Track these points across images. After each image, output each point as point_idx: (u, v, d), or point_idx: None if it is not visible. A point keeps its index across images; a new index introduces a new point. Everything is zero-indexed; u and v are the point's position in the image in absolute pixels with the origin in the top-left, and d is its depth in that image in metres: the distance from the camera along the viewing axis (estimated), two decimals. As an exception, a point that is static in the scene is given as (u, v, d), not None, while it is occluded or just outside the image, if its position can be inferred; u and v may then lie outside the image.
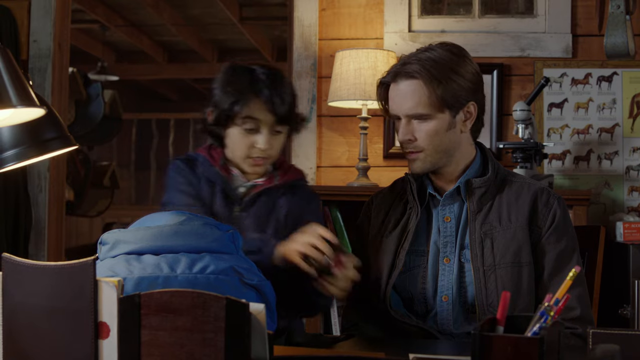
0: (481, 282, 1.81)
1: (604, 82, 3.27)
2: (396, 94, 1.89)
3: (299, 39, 3.37)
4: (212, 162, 2.06)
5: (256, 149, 2.00)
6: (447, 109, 1.86)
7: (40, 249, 3.40)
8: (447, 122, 1.87)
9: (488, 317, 1.16)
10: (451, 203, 1.91)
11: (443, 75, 1.84)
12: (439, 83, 1.84)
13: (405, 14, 3.35)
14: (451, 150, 1.90)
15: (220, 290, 1.40)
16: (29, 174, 3.38)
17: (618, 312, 2.83)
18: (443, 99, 1.84)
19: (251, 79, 1.99)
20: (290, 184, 2.10)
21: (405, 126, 1.88)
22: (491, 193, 1.89)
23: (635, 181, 3.25)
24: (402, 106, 1.87)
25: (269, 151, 2.02)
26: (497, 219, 1.86)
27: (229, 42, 8.30)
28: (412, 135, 1.87)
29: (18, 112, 1.39)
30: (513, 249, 1.83)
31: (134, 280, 1.42)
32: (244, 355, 1.04)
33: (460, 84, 1.86)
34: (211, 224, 1.56)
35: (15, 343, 1.13)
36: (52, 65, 3.41)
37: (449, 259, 1.88)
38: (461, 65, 1.88)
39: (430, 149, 1.87)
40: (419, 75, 1.84)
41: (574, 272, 1.15)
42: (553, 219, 1.85)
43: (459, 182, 1.89)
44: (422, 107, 1.85)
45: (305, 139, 3.34)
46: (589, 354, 1.10)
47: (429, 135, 1.86)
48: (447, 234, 1.89)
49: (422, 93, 1.84)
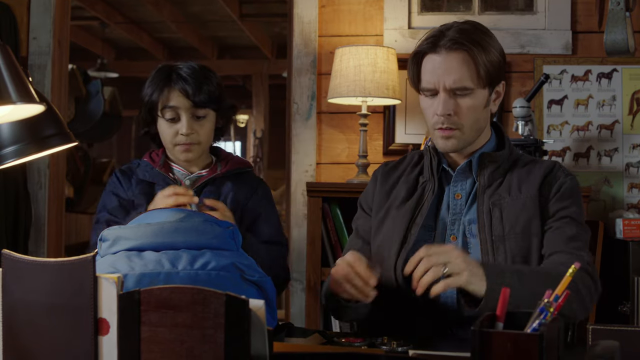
0: (489, 254, 1.75)
1: (603, 78, 3.27)
2: (438, 65, 1.78)
3: (298, 36, 3.36)
4: (153, 164, 2.20)
5: (180, 135, 2.13)
6: (488, 85, 1.80)
7: (40, 245, 3.40)
8: (486, 98, 1.82)
9: (487, 314, 1.16)
10: (463, 179, 1.86)
11: (485, 47, 1.78)
12: (485, 54, 1.77)
13: (405, 11, 3.35)
14: (482, 128, 1.85)
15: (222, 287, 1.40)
16: (28, 171, 3.38)
17: (618, 308, 2.84)
18: (488, 72, 1.78)
19: (168, 72, 2.14)
20: (235, 172, 2.21)
21: (447, 100, 1.78)
22: (503, 169, 1.85)
23: (635, 178, 3.25)
24: (446, 79, 1.77)
25: (194, 136, 2.14)
26: (507, 191, 1.81)
27: (228, 39, 8.31)
28: (453, 109, 1.79)
29: (18, 108, 1.39)
30: (523, 218, 1.77)
31: (135, 277, 1.42)
32: (244, 352, 1.04)
33: (497, 58, 1.81)
34: (211, 221, 1.56)
35: (15, 339, 1.13)
36: (51, 62, 3.41)
37: (455, 236, 1.83)
38: (493, 39, 1.83)
39: (469, 126, 1.80)
40: (465, 46, 1.76)
41: (574, 268, 1.15)
42: (559, 188, 1.81)
43: (472, 157, 1.85)
44: (468, 80, 1.77)
45: (305, 135, 3.34)
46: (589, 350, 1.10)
47: (470, 111, 1.79)
48: (456, 211, 1.84)
49: (470, 65, 1.77)
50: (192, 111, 2.12)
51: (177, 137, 2.13)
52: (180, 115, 2.12)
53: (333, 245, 2.98)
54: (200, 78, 2.12)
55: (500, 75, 1.83)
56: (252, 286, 1.49)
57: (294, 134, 3.36)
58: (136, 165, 2.24)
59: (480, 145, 1.87)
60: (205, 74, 2.15)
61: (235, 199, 2.15)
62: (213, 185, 2.17)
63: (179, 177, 2.19)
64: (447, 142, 1.82)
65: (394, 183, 1.95)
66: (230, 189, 2.16)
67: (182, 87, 2.10)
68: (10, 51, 1.32)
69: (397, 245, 1.83)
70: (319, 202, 2.96)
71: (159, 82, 2.13)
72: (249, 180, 2.23)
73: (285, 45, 3.91)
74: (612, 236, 2.98)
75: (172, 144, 2.15)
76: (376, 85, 2.92)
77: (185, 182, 2.18)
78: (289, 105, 3.47)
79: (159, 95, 2.12)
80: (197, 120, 2.14)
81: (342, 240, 2.97)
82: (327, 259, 2.98)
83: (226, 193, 2.16)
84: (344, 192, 2.96)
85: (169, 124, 2.14)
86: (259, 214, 2.19)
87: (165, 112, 2.13)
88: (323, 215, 2.98)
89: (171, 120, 2.13)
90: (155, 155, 2.24)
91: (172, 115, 2.13)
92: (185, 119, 2.12)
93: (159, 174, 2.17)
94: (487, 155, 1.85)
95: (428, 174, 1.89)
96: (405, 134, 3.31)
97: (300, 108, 3.35)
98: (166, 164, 2.20)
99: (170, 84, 2.12)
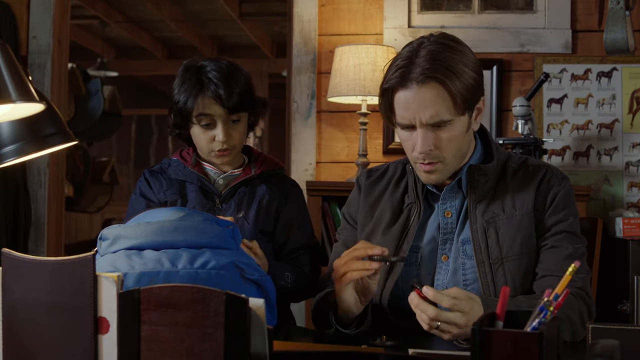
0: (487, 278, 1.69)
1: (603, 77, 3.27)
2: (410, 100, 1.66)
3: (298, 35, 3.36)
4: (185, 163, 2.16)
5: (216, 142, 2.08)
6: (467, 109, 1.69)
7: (39, 244, 3.40)
8: (466, 124, 1.71)
9: (487, 313, 1.16)
10: (452, 197, 1.78)
11: (460, 74, 1.65)
12: (460, 82, 1.64)
13: (405, 10, 3.35)
14: (465, 153, 1.77)
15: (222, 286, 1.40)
16: (28, 170, 3.38)
17: (617, 307, 2.84)
18: (465, 99, 1.66)
19: (198, 76, 2.07)
20: (269, 174, 2.18)
21: (426, 136, 1.68)
22: (493, 181, 1.77)
23: (634, 177, 3.25)
24: (422, 114, 1.66)
25: (230, 141, 2.09)
26: (501, 207, 1.74)
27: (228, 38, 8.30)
28: (434, 144, 1.69)
29: (17, 107, 1.39)
30: (520, 239, 1.71)
31: (135, 276, 1.42)
32: (244, 351, 1.04)
33: (472, 77, 1.67)
34: (211, 220, 1.56)
35: (15, 338, 1.13)
36: (51, 61, 3.41)
37: (447, 256, 1.76)
38: (466, 55, 1.69)
39: (451, 156, 1.71)
40: (438, 79, 1.63)
41: (573, 267, 1.15)
42: (554, 198, 1.75)
43: (461, 174, 1.77)
44: (446, 112, 1.66)
45: (304, 134, 3.34)
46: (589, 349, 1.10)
47: (451, 141, 1.69)
48: (447, 230, 1.77)
49: (445, 97, 1.64)
50: (227, 117, 2.07)
51: (214, 143, 2.08)
52: (217, 122, 2.07)
53: (333, 244, 2.98)
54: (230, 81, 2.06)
55: (477, 95, 1.71)
56: (252, 285, 1.49)
57: (293, 132, 3.36)
58: (167, 164, 2.19)
59: (466, 160, 1.79)
60: (234, 75, 2.09)
61: (270, 201, 2.12)
62: (248, 186, 2.13)
63: (212, 177, 2.15)
64: (430, 175, 1.74)
65: (378, 197, 1.88)
66: (265, 191, 2.12)
67: (216, 94, 2.03)
68: (10, 50, 1.32)
69: (384, 274, 1.77)
70: (319, 201, 2.96)
71: (191, 88, 2.06)
72: (283, 183, 2.19)
73: (285, 44, 3.91)
74: (612, 235, 2.98)
75: (208, 150, 2.11)
76: (376, 84, 2.92)
77: (219, 182, 2.14)
78: (288, 104, 3.47)
79: (194, 102, 2.05)
80: (232, 124, 2.09)
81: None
82: (327, 258, 2.97)
83: (261, 195, 2.12)
84: (344, 191, 2.95)
85: (204, 130, 2.08)
86: (294, 218, 2.15)
87: (201, 119, 2.07)
88: (323, 214, 2.98)
89: (206, 126, 2.08)
90: (186, 154, 2.20)
91: (208, 121, 2.07)
92: (222, 126, 2.07)
93: (191, 172, 2.13)
94: (475, 168, 1.76)
95: (413, 197, 1.81)
96: (405, 133, 3.31)
97: (300, 107, 3.35)
98: (198, 163, 2.16)
99: (204, 90, 2.05)
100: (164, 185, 2.14)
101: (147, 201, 2.11)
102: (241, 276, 1.48)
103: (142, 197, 2.13)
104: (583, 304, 1.68)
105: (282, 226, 2.14)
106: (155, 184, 2.15)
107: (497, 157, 1.79)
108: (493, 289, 1.69)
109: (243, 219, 2.06)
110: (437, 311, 1.47)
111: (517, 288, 1.71)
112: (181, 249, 1.48)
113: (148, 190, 2.14)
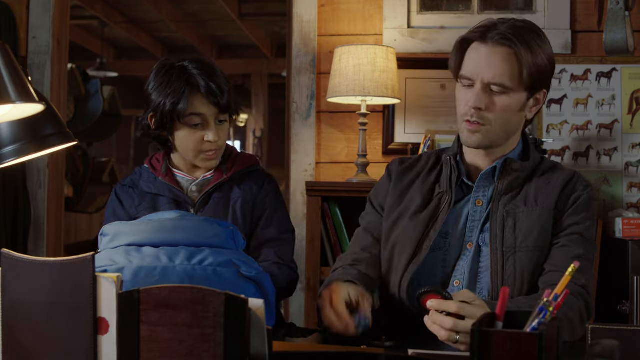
0: (498, 265, 1.71)
1: (603, 78, 3.27)
2: (481, 56, 1.72)
3: (298, 35, 3.36)
4: (155, 173, 2.11)
5: (207, 142, 2.03)
6: (528, 88, 1.73)
7: (39, 245, 3.40)
8: (522, 102, 1.75)
9: (487, 313, 1.16)
10: (486, 186, 1.81)
11: (535, 50, 1.71)
12: (533, 57, 1.70)
13: (405, 10, 3.35)
14: (512, 132, 1.80)
15: (218, 283, 1.41)
16: (28, 170, 3.38)
17: (617, 308, 2.84)
18: (531, 75, 1.71)
19: (187, 75, 2.01)
20: (242, 173, 2.13)
21: (481, 93, 1.72)
22: (523, 179, 1.80)
23: (634, 177, 3.25)
24: (487, 72, 1.71)
25: (219, 142, 2.05)
26: (523, 201, 1.77)
27: (228, 38, 8.31)
28: (485, 104, 1.72)
29: (17, 108, 1.39)
30: (536, 232, 1.73)
31: (132, 270, 1.43)
32: (243, 351, 1.04)
33: (544, 61, 1.73)
34: (211, 221, 1.56)
35: (15, 339, 1.13)
36: (51, 62, 3.41)
37: (472, 243, 1.78)
38: (544, 41, 1.75)
39: (498, 124, 1.74)
40: (514, 43, 1.69)
41: (573, 267, 1.15)
42: (576, 200, 1.78)
43: (497, 163, 1.80)
44: (509, 78, 1.71)
45: (304, 135, 3.34)
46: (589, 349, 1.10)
47: (503, 110, 1.73)
48: (475, 218, 1.79)
49: (513, 64, 1.70)
50: (217, 117, 2.04)
51: (204, 144, 2.03)
52: (208, 122, 2.03)
53: (333, 245, 2.98)
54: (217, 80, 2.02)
55: (543, 82, 1.77)
56: (249, 282, 1.49)
57: (293, 133, 3.36)
58: (138, 176, 2.14)
59: (507, 152, 1.82)
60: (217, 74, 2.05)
61: (244, 203, 2.08)
62: (221, 191, 2.09)
63: (185, 185, 2.11)
64: (472, 136, 1.76)
65: (408, 184, 1.90)
66: (238, 195, 2.08)
67: (209, 93, 1.99)
68: (9, 50, 1.32)
69: (406, 258, 1.79)
70: (319, 202, 2.96)
71: (179, 88, 2.00)
72: (257, 179, 2.14)
73: (285, 44, 3.92)
74: (612, 235, 2.98)
75: (196, 151, 2.05)
76: (375, 85, 2.92)
77: (192, 189, 2.09)
78: (288, 105, 3.47)
79: (186, 102, 1.99)
80: (220, 124, 2.06)
81: (342, 240, 2.97)
82: (326, 259, 2.98)
83: (235, 199, 2.07)
84: (344, 192, 2.96)
85: (193, 131, 2.03)
86: (265, 209, 2.11)
87: (192, 120, 2.02)
88: (322, 214, 2.98)
89: (195, 127, 2.03)
90: (156, 162, 2.14)
91: (199, 121, 2.02)
92: (213, 126, 2.03)
93: (163, 184, 2.08)
94: (511, 161, 1.79)
95: (446, 186, 1.83)
96: (405, 134, 3.31)
97: (299, 107, 3.35)
98: (169, 172, 2.11)
99: (194, 90, 2.00)
100: (135, 200, 2.09)
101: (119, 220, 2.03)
102: (238, 274, 1.47)
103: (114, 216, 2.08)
104: (583, 303, 1.69)
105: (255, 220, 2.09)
106: (126, 200, 2.10)
107: (533, 158, 1.83)
108: (501, 277, 1.71)
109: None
110: (454, 321, 1.45)
111: (524, 280, 1.72)
112: (180, 247, 1.48)
113: (119, 207, 2.09)
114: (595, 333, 1.18)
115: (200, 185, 2.10)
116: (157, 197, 2.08)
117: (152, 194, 2.09)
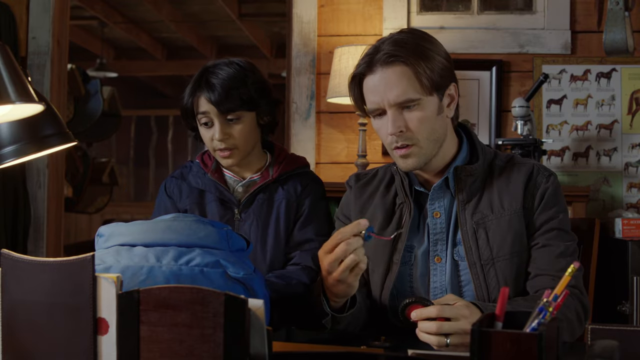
0: (480, 279, 1.69)
1: (602, 78, 3.27)
2: (377, 82, 1.69)
3: (297, 36, 3.36)
4: (205, 168, 2.11)
5: (215, 140, 2.04)
6: (435, 91, 1.70)
7: (39, 245, 3.40)
8: (436, 106, 1.71)
9: (487, 313, 1.16)
10: (440, 197, 1.77)
11: (424, 54, 1.68)
12: (425, 62, 1.67)
13: (404, 11, 3.35)
14: (441, 138, 1.74)
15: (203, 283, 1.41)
16: (27, 171, 3.39)
17: (617, 308, 2.84)
18: (431, 79, 1.67)
19: (200, 75, 2.05)
20: (287, 175, 2.11)
21: (395, 117, 1.69)
22: (481, 181, 1.76)
23: (634, 177, 3.25)
24: (389, 94, 1.67)
25: (230, 141, 2.03)
26: (489, 207, 1.73)
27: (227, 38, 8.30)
28: (404, 125, 1.69)
29: (17, 108, 1.39)
30: (510, 238, 1.71)
31: (119, 269, 1.44)
32: (243, 351, 1.04)
33: (440, 62, 1.70)
34: (205, 221, 1.56)
35: (15, 339, 1.13)
36: (50, 62, 3.41)
37: (440, 257, 1.75)
38: (433, 43, 1.72)
39: (424, 138, 1.70)
40: (401, 58, 1.67)
41: (573, 267, 1.15)
42: (543, 196, 1.74)
43: (448, 173, 1.75)
44: (412, 91, 1.67)
45: (304, 135, 3.34)
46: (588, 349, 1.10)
47: (421, 122, 1.69)
48: (437, 230, 1.76)
49: (410, 76, 1.67)
50: (222, 116, 2.03)
51: (213, 142, 2.04)
52: (213, 121, 2.03)
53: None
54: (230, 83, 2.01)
55: (447, 79, 1.72)
56: (237, 284, 1.48)
57: (293, 133, 3.36)
58: (188, 169, 2.15)
59: (450, 158, 1.78)
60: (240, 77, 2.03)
61: (287, 205, 2.07)
62: (266, 192, 2.07)
63: (231, 184, 2.10)
64: (406, 160, 1.73)
65: (368, 199, 1.88)
66: (282, 196, 2.07)
67: (207, 94, 2.01)
68: (9, 51, 1.32)
69: (381, 274, 1.78)
70: (318, 202, 2.95)
71: (193, 85, 2.05)
72: (302, 181, 2.12)
73: (285, 44, 3.91)
74: (612, 236, 2.98)
75: (212, 149, 2.07)
76: (375, 85, 2.92)
77: (238, 190, 2.09)
78: (288, 105, 3.47)
79: (192, 100, 2.04)
80: (230, 123, 2.03)
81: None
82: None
83: (279, 201, 2.06)
84: (344, 192, 2.95)
85: (206, 129, 2.05)
86: (304, 210, 2.08)
87: (201, 118, 2.04)
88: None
89: (205, 125, 2.05)
90: (207, 157, 2.15)
91: (206, 120, 2.04)
92: (218, 124, 2.03)
93: (210, 181, 2.08)
94: (462, 169, 1.75)
95: (402, 196, 1.81)
96: (405, 134, 3.31)
97: (299, 108, 3.35)
98: (218, 169, 2.11)
99: (199, 89, 2.03)
100: (183, 192, 2.10)
101: (165, 213, 2.04)
102: (225, 274, 1.47)
103: (161, 208, 2.10)
104: (578, 303, 1.68)
105: (295, 221, 2.08)
106: (174, 192, 2.11)
107: (483, 157, 1.79)
108: (486, 290, 1.70)
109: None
110: (438, 324, 1.45)
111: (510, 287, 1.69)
112: (171, 247, 1.48)
113: (166, 199, 2.12)
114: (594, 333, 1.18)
115: (246, 185, 2.10)
116: (204, 192, 2.09)
117: (199, 189, 2.10)
